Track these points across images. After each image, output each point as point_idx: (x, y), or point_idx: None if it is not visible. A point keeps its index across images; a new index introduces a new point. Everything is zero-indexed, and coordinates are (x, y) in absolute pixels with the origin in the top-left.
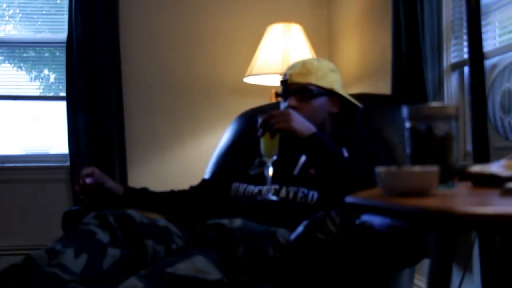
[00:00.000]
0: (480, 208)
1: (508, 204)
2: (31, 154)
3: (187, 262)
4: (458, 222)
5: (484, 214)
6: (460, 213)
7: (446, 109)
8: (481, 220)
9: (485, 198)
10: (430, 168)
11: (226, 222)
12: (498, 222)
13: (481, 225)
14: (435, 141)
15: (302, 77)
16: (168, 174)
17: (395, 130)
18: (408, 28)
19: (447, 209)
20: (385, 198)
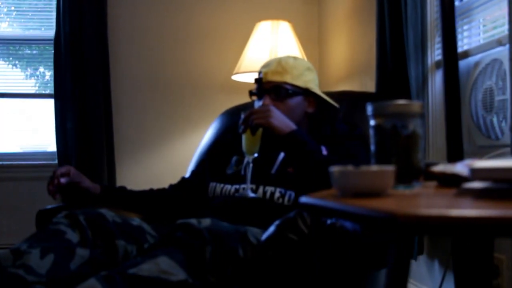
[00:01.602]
0: (425, 210)
1: (460, 205)
2: (18, 152)
3: (151, 262)
4: (401, 224)
5: (427, 216)
6: (404, 215)
7: (411, 107)
8: (424, 223)
9: (438, 200)
10: (386, 167)
11: (194, 222)
12: (441, 224)
13: (424, 228)
14: (400, 139)
15: (277, 76)
16: (157, 172)
17: None
18: (392, 25)
19: (391, 211)
20: (338, 199)
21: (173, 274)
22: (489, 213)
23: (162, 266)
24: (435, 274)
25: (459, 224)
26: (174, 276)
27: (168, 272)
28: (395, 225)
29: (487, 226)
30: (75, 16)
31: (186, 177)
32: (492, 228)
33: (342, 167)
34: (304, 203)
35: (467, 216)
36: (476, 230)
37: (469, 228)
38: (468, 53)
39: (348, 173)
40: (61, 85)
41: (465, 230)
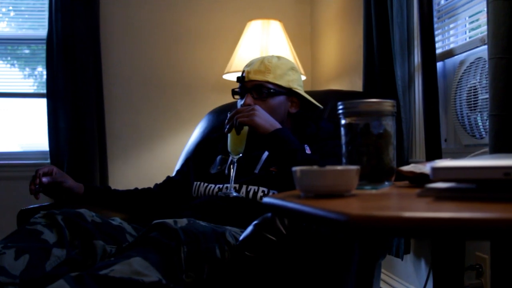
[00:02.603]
0: (378, 212)
1: (415, 207)
2: (11, 152)
3: (124, 263)
4: (352, 226)
5: (380, 217)
6: (356, 216)
7: (382, 105)
8: (376, 225)
9: (399, 200)
10: (349, 167)
11: (170, 222)
12: (393, 226)
13: (376, 229)
14: (371, 138)
15: (259, 75)
16: (149, 171)
17: None
18: (379, 25)
19: (344, 212)
20: (297, 199)
21: (146, 275)
22: (440, 215)
23: (135, 267)
24: (421, 273)
25: (410, 226)
26: (147, 277)
27: (141, 273)
28: (347, 226)
29: (438, 228)
30: (68, 16)
31: (171, 176)
32: (442, 230)
33: (304, 167)
34: (266, 203)
35: (419, 218)
36: (427, 232)
37: (420, 230)
38: (453, 52)
39: (309, 173)
40: (54, 84)
41: (416, 232)
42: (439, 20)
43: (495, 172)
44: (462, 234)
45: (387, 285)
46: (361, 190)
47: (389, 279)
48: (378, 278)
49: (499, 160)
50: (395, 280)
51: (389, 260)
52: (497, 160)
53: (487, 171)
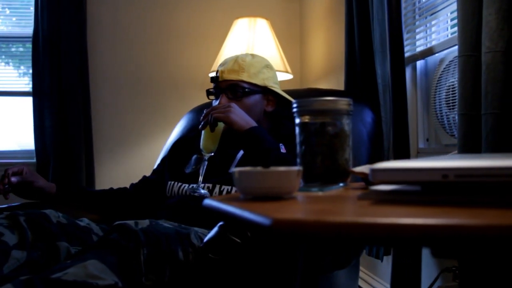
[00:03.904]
0: (302, 215)
1: (347, 211)
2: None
3: (79, 266)
4: (273, 230)
5: (302, 221)
6: (278, 220)
7: (338, 103)
8: (298, 229)
9: (337, 204)
10: (290, 168)
11: (131, 223)
12: (315, 231)
13: (298, 234)
14: (325, 138)
15: (233, 74)
16: (136, 170)
17: None
18: (360, 21)
19: (267, 216)
20: (231, 201)
21: (101, 278)
22: (360, 220)
23: (90, 270)
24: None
25: (330, 231)
26: (102, 281)
27: (96, 276)
28: (270, 231)
29: (356, 234)
30: (54, 14)
31: (147, 176)
32: (360, 237)
33: (242, 168)
34: (205, 205)
35: (342, 222)
36: (346, 239)
37: (339, 236)
38: (433, 50)
39: (247, 175)
40: (39, 82)
41: (336, 238)
42: (421, 17)
43: (433, 174)
44: (383, 241)
45: (367, 285)
46: (307, 192)
47: (370, 279)
48: (356, 279)
49: (440, 162)
50: (375, 281)
51: (370, 261)
52: (439, 161)
53: (425, 173)
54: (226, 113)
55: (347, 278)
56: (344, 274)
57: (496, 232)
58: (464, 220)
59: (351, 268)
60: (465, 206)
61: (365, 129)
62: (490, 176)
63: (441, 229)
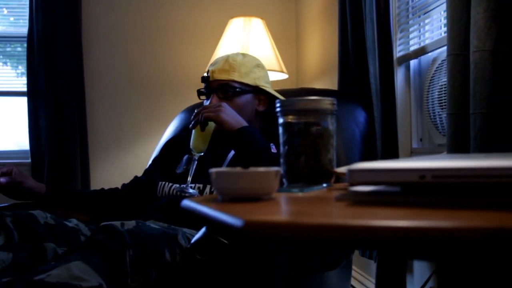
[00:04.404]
0: (273, 217)
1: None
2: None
3: (63, 268)
4: (244, 232)
5: (273, 223)
6: (249, 222)
7: (321, 103)
8: (269, 231)
9: (311, 205)
10: (268, 169)
11: (117, 224)
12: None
13: (269, 236)
14: (308, 138)
15: (224, 74)
16: (131, 170)
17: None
18: (354, 22)
19: (239, 217)
20: (211, 203)
21: (85, 279)
22: (336, 221)
23: (74, 271)
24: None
25: (304, 232)
26: (85, 282)
27: (80, 278)
28: (241, 233)
29: (329, 235)
30: (48, 13)
31: (138, 177)
32: (334, 238)
33: (220, 169)
34: (183, 206)
35: (313, 224)
36: (319, 240)
37: (313, 237)
38: (426, 49)
39: (224, 176)
40: (34, 82)
41: (309, 239)
42: (414, 16)
43: (410, 174)
44: (353, 243)
45: (361, 285)
46: (287, 193)
47: (364, 279)
48: (348, 279)
49: (418, 162)
50: (369, 281)
51: (363, 260)
52: (418, 162)
53: (402, 174)
54: (217, 113)
55: (339, 279)
56: (335, 275)
57: (466, 235)
58: (435, 222)
59: (343, 269)
60: (442, 208)
61: (358, 129)
62: (467, 177)
63: (411, 232)
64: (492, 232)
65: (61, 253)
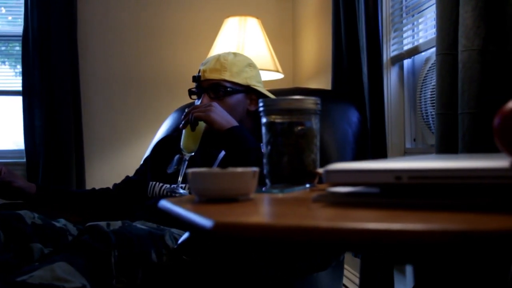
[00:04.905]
0: (244, 218)
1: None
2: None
3: (46, 269)
4: (213, 234)
5: (243, 224)
6: (219, 224)
7: (305, 103)
8: (238, 232)
9: (285, 207)
10: (245, 169)
11: (103, 224)
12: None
13: (238, 238)
14: (291, 138)
15: (215, 73)
16: (127, 170)
17: (326, 125)
18: (347, 20)
19: (210, 219)
20: (187, 204)
21: (69, 281)
22: (305, 223)
23: (57, 273)
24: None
25: (272, 234)
26: (69, 283)
27: (63, 279)
28: (211, 234)
29: (298, 237)
30: (44, 11)
31: (130, 176)
32: (304, 240)
33: (196, 170)
34: (159, 207)
35: (282, 226)
36: (288, 242)
37: (281, 239)
38: (419, 49)
39: (199, 176)
40: (29, 82)
41: (278, 241)
42: (408, 16)
43: (386, 175)
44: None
45: (354, 285)
46: (266, 194)
47: (357, 279)
48: (340, 279)
49: (396, 163)
50: None
51: (356, 261)
52: (396, 162)
53: (378, 175)
54: (207, 112)
55: (330, 279)
56: (326, 276)
57: (436, 238)
58: (404, 225)
59: (334, 269)
60: (417, 210)
61: (351, 129)
62: (443, 178)
63: (378, 235)
64: (461, 235)
65: (46, 254)
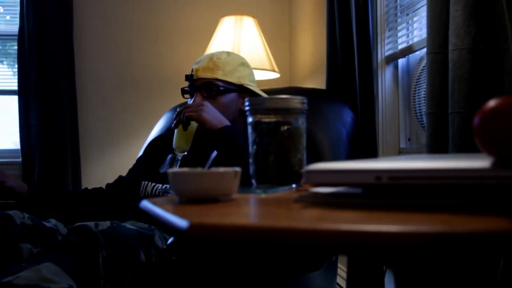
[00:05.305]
0: (219, 219)
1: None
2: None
3: (32, 269)
4: (188, 235)
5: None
6: (194, 225)
7: (291, 102)
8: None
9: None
10: (226, 169)
11: (91, 224)
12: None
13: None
14: (278, 137)
15: (208, 72)
16: (123, 169)
17: (320, 125)
18: (342, 21)
19: (185, 220)
20: (167, 205)
21: (55, 281)
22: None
23: (43, 273)
24: None
25: (246, 235)
26: (55, 284)
27: (49, 280)
28: (186, 235)
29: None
30: (40, 11)
31: (123, 176)
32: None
33: (177, 170)
34: (141, 208)
35: (256, 227)
36: (262, 244)
37: (255, 240)
38: (413, 48)
39: (179, 176)
40: (25, 81)
41: (253, 243)
42: (402, 14)
43: (367, 176)
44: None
45: None
46: (250, 194)
47: None
48: (333, 279)
49: (377, 163)
50: None
51: None
52: (377, 163)
53: (359, 175)
54: (198, 112)
55: (323, 279)
56: (319, 276)
57: (411, 240)
58: (380, 226)
59: (327, 269)
60: (396, 211)
61: (345, 129)
62: (423, 179)
63: (353, 236)
64: (437, 237)
65: (35, 254)
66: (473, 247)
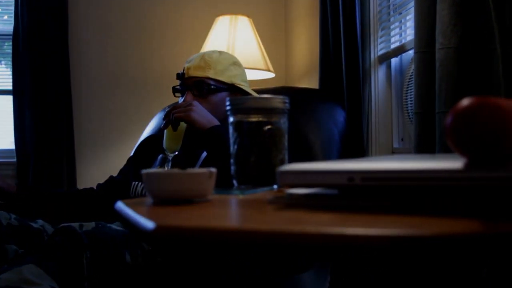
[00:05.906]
0: (186, 221)
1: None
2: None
3: (14, 271)
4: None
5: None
6: (161, 227)
7: (272, 102)
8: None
9: (238, 209)
10: (200, 170)
11: (76, 225)
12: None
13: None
14: (259, 137)
15: (199, 71)
16: (118, 169)
17: (312, 124)
18: (333, 20)
19: (153, 220)
20: (138, 206)
21: (36, 283)
22: (247, 226)
23: (25, 275)
24: None
25: (213, 237)
26: (37, 286)
27: (30, 282)
28: (152, 237)
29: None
30: (34, 11)
31: (113, 176)
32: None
33: (150, 170)
34: (115, 208)
35: (223, 229)
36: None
37: (221, 242)
38: (405, 47)
39: (152, 177)
40: (20, 81)
41: (219, 244)
42: (395, 14)
43: (339, 177)
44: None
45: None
46: (227, 195)
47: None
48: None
49: (350, 164)
50: None
51: None
52: (351, 163)
53: (331, 176)
54: (187, 112)
55: (315, 279)
56: (311, 276)
57: (375, 243)
58: (345, 229)
59: (319, 269)
60: (369, 212)
61: (337, 129)
62: (395, 180)
63: (317, 238)
64: (401, 240)
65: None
66: (440, 250)
